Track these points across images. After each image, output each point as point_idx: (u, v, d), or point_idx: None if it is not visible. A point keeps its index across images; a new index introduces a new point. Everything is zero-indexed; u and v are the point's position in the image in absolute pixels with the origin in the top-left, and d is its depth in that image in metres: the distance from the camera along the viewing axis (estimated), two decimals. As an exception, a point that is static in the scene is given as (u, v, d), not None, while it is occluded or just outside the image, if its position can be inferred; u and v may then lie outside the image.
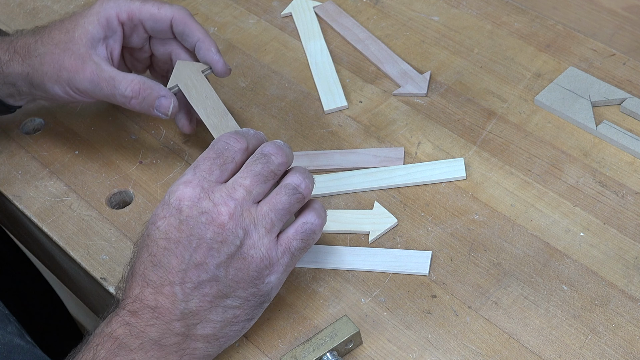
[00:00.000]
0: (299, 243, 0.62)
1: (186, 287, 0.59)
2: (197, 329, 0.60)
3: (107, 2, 0.75)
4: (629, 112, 0.78)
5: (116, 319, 0.59)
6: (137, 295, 0.60)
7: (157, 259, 0.60)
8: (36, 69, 0.75)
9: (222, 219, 0.59)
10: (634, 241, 0.69)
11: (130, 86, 0.73)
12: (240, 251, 0.60)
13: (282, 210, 0.62)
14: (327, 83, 0.84)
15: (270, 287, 0.62)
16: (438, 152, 0.77)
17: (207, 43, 0.76)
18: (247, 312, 0.62)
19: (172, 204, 0.60)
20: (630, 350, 0.62)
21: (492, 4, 0.91)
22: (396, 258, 0.69)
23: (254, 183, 0.61)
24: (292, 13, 0.93)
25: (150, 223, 0.61)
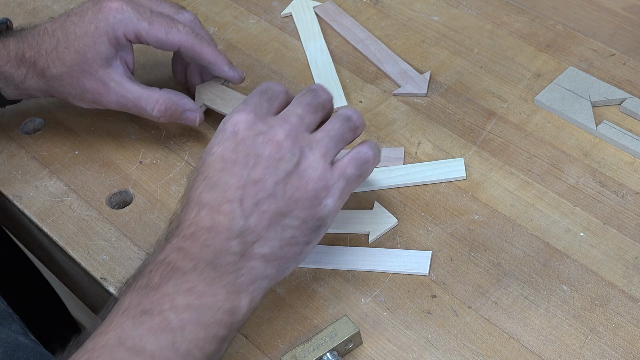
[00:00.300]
0: (353, 170, 0.63)
1: (245, 204, 0.59)
2: (254, 248, 0.59)
3: (114, 21, 0.74)
4: (629, 112, 0.78)
5: (169, 246, 0.59)
6: (192, 219, 0.59)
7: (213, 180, 0.60)
8: (57, 89, 0.76)
9: (279, 137, 0.61)
10: (634, 241, 0.69)
11: (156, 107, 0.75)
12: (297, 169, 0.61)
13: (336, 137, 0.63)
14: (327, 83, 0.84)
15: (327, 211, 0.62)
16: (438, 152, 0.77)
17: (219, 63, 0.77)
18: (305, 234, 0.61)
19: (227, 129, 0.61)
20: (630, 350, 0.62)
21: (492, 4, 0.91)
22: (396, 258, 0.69)
23: (305, 112, 0.63)
24: (292, 13, 0.93)
25: (205, 153, 0.62)
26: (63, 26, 0.75)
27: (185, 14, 0.78)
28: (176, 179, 0.78)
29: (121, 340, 0.54)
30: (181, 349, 0.55)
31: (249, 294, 0.59)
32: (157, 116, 0.76)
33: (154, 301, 0.56)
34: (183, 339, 0.55)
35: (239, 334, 0.66)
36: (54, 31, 0.75)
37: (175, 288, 0.56)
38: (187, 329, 0.55)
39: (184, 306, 0.56)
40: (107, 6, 0.74)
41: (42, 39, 0.75)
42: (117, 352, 0.53)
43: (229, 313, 0.57)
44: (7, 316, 0.74)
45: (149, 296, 0.56)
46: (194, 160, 0.79)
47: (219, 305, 0.57)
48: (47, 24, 0.76)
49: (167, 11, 0.77)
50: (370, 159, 0.64)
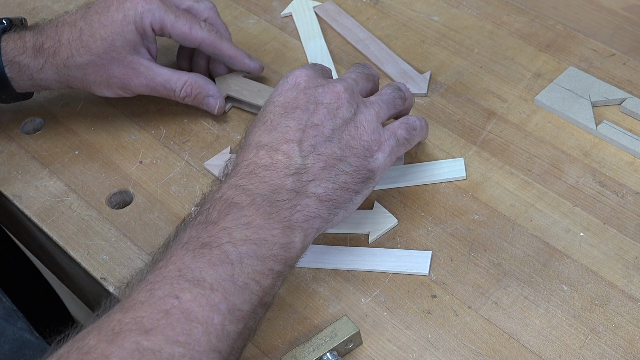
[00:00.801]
0: (403, 132, 0.68)
1: (303, 145, 0.63)
2: (309, 186, 0.62)
3: (142, 10, 0.75)
4: (629, 112, 0.78)
5: (226, 184, 0.62)
6: (250, 158, 0.63)
7: (273, 124, 0.64)
8: (79, 78, 0.77)
9: (338, 89, 0.65)
10: (634, 241, 0.69)
11: (183, 88, 0.78)
12: (354, 119, 0.65)
13: (388, 102, 0.68)
14: None
15: (377, 165, 0.65)
16: (438, 152, 0.77)
17: (239, 57, 0.81)
18: (356, 182, 0.64)
19: (289, 81, 0.66)
20: (630, 350, 0.62)
21: (492, 4, 0.91)
22: (396, 258, 0.69)
23: (359, 78, 0.69)
24: (292, 13, 0.93)
25: (267, 102, 0.66)
26: (85, 16, 0.76)
27: (205, 2, 0.81)
28: (176, 179, 0.78)
29: (181, 272, 0.56)
30: (239, 281, 0.56)
31: (303, 231, 0.61)
32: (183, 96, 0.79)
33: (213, 235, 0.58)
34: (241, 272, 0.57)
35: (239, 334, 0.66)
36: (75, 21, 0.76)
37: (234, 222, 0.58)
38: (244, 261, 0.57)
39: (242, 239, 0.58)
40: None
41: (62, 29, 0.76)
42: (178, 283, 0.55)
43: (284, 248, 0.59)
44: (13, 313, 0.75)
45: (207, 230, 0.58)
46: (194, 160, 0.79)
47: (275, 239, 0.59)
48: (66, 16, 0.77)
49: (187, 2, 0.80)
50: (417, 126, 0.70)
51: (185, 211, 0.75)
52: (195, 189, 0.77)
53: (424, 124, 0.71)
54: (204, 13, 0.80)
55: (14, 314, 0.74)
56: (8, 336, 0.71)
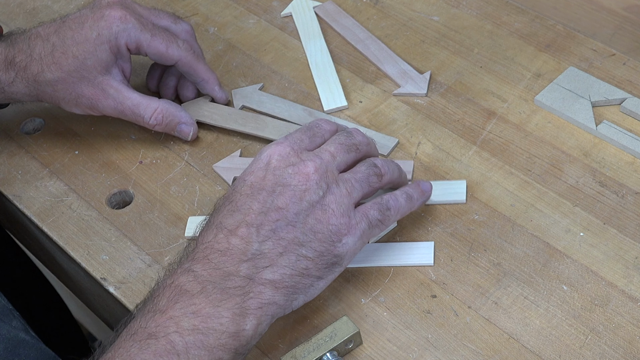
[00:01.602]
0: (375, 214, 0.64)
1: (263, 229, 0.60)
2: (264, 273, 0.59)
3: (118, 30, 0.74)
4: (629, 112, 0.78)
5: (180, 269, 0.60)
6: (208, 242, 0.60)
7: (237, 205, 0.61)
8: (48, 94, 0.76)
9: (308, 170, 0.62)
10: (634, 241, 0.69)
11: (153, 115, 0.77)
12: (321, 202, 0.62)
13: (361, 180, 0.65)
14: (327, 83, 0.84)
15: (345, 250, 0.62)
16: (438, 152, 0.77)
17: (211, 82, 0.80)
18: (319, 268, 0.61)
19: (262, 159, 0.63)
20: (630, 350, 0.62)
21: (492, 4, 0.91)
22: (400, 251, 0.69)
23: (338, 150, 0.65)
24: (292, 13, 0.93)
25: (238, 180, 0.64)
26: (59, 31, 0.75)
27: (183, 24, 0.80)
28: (176, 179, 0.78)
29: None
30: None
31: (256, 318, 0.59)
32: (153, 124, 0.77)
33: (160, 324, 0.56)
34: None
35: (239, 334, 0.66)
36: (48, 36, 0.75)
37: (182, 311, 0.57)
38: (191, 352, 0.55)
39: (189, 329, 0.56)
40: (110, 14, 0.74)
41: (35, 43, 0.74)
42: None
43: (234, 337, 0.57)
44: (8, 312, 0.74)
45: (155, 319, 0.57)
46: (194, 160, 0.79)
47: (224, 328, 0.57)
48: (39, 28, 0.76)
49: (165, 22, 0.79)
50: (393, 205, 0.66)
51: (186, 211, 0.75)
52: (195, 189, 0.77)
53: (401, 201, 0.67)
54: (181, 35, 0.79)
55: (9, 313, 0.74)
56: (3, 335, 0.71)
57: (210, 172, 0.78)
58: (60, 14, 0.95)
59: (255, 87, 0.85)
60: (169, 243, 0.73)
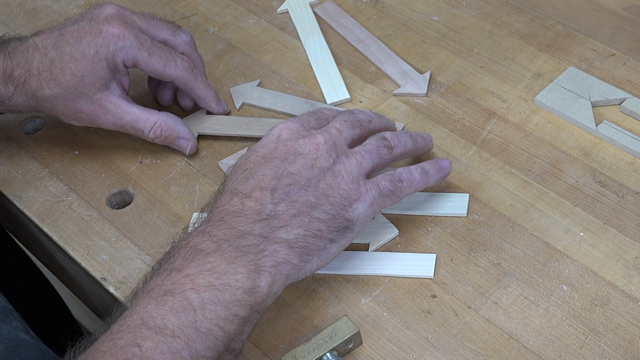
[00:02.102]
0: (387, 184, 0.66)
1: (277, 192, 0.62)
2: (279, 232, 0.61)
3: (115, 48, 0.74)
4: (629, 112, 0.78)
5: (195, 232, 0.61)
6: (223, 205, 0.62)
7: (251, 172, 0.64)
8: (47, 108, 0.76)
9: (318, 141, 0.65)
10: (634, 241, 0.69)
11: (152, 129, 0.77)
12: (332, 169, 0.64)
13: (371, 152, 0.67)
14: (328, 77, 0.85)
15: (356, 215, 0.64)
16: (438, 152, 0.77)
17: (208, 99, 0.81)
18: (331, 230, 0.63)
19: (272, 134, 0.66)
20: (630, 350, 0.62)
21: (492, 4, 0.91)
22: (400, 261, 0.69)
23: (343, 126, 0.68)
24: (288, 9, 0.93)
25: (250, 152, 0.66)
26: (57, 45, 0.74)
27: (181, 35, 0.79)
28: (176, 179, 0.78)
29: (144, 320, 0.56)
30: (202, 328, 0.56)
31: (270, 275, 0.60)
32: (152, 137, 0.78)
33: (176, 282, 0.58)
34: (204, 318, 0.56)
35: (239, 334, 0.66)
36: (46, 49, 0.74)
37: (198, 269, 0.58)
38: (207, 307, 0.57)
39: (205, 286, 0.57)
40: (107, 31, 0.74)
41: (32, 56, 0.74)
42: (140, 331, 0.55)
43: (249, 292, 0.59)
44: (8, 312, 0.74)
45: (171, 277, 0.58)
46: (194, 160, 0.79)
47: (239, 284, 0.58)
48: (37, 39, 0.75)
49: (163, 34, 0.78)
50: (405, 177, 0.67)
51: (186, 211, 0.75)
52: (195, 189, 0.77)
53: (417, 175, 0.68)
54: (180, 47, 0.79)
55: (9, 313, 0.74)
56: (3, 335, 0.71)
57: (210, 172, 0.78)
58: (61, 14, 0.95)
59: (253, 83, 0.85)
60: (169, 243, 0.73)
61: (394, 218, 0.72)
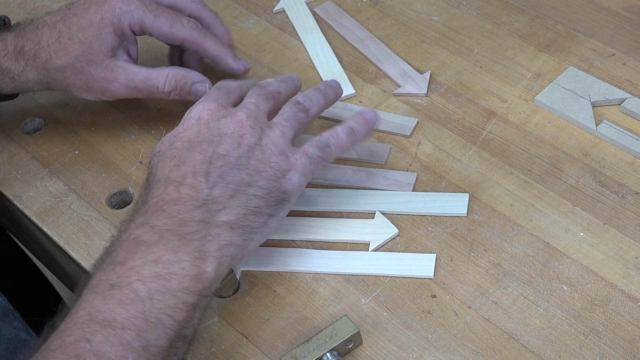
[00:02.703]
0: (315, 150, 0.67)
1: (210, 176, 0.62)
2: (219, 215, 0.62)
3: (120, 12, 0.75)
4: (629, 112, 0.78)
5: (134, 224, 0.61)
6: (159, 195, 0.62)
7: (181, 159, 0.63)
8: (59, 81, 0.77)
9: (241, 118, 0.65)
10: (634, 241, 0.69)
11: (166, 81, 0.77)
12: (259, 143, 0.65)
13: (289, 119, 0.68)
14: (331, 73, 0.85)
15: (290, 186, 0.65)
16: (438, 152, 0.77)
17: (223, 56, 0.80)
18: (269, 205, 0.64)
19: (192, 117, 0.66)
20: (630, 350, 0.62)
21: (492, 4, 0.91)
22: (400, 261, 0.69)
23: (259, 100, 0.68)
24: (285, 8, 0.93)
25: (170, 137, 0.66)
26: (65, 18, 0.76)
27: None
28: (176, 179, 0.78)
29: (92, 315, 0.56)
30: (151, 318, 0.56)
31: (216, 259, 0.60)
32: (168, 91, 0.77)
33: (121, 275, 0.58)
34: (152, 308, 0.56)
35: (239, 333, 0.66)
36: (54, 23, 0.76)
37: (142, 260, 0.58)
38: (155, 297, 0.57)
39: (151, 276, 0.57)
40: None
41: (42, 31, 0.75)
42: (89, 327, 0.55)
43: (196, 279, 0.59)
44: (9, 313, 0.74)
45: (115, 271, 0.58)
46: (194, 160, 0.79)
47: (185, 272, 0.58)
48: (46, 17, 0.77)
49: None
50: (332, 142, 0.68)
51: (185, 211, 0.75)
52: (195, 189, 0.77)
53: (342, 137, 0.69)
54: (188, 7, 0.79)
55: (9, 314, 0.74)
56: (4, 336, 0.71)
57: (210, 172, 0.78)
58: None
59: None
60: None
61: (394, 218, 0.72)
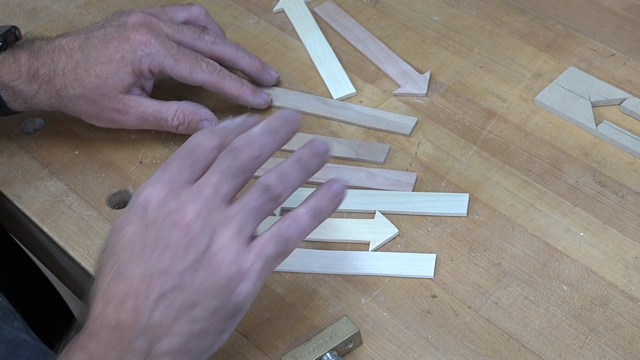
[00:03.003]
0: (273, 248, 0.57)
1: (150, 298, 0.55)
2: (160, 345, 0.55)
3: (142, 55, 0.75)
4: (629, 112, 0.78)
5: (75, 345, 0.56)
6: (97, 314, 0.56)
7: (120, 271, 0.56)
8: (70, 108, 0.78)
9: (188, 219, 0.56)
10: (634, 241, 0.69)
11: (175, 115, 0.78)
12: (207, 254, 0.55)
13: (254, 210, 0.57)
14: (331, 72, 0.85)
15: (243, 298, 0.56)
16: (438, 152, 0.77)
17: (243, 95, 0.80)
18: (218, 324, 0.56)
19: (138, 205, 0.57)
20: (630, 350, 0.62)
21: (492, 4, 0.91)
22: (400, 261, 0.69)
23: (222, 180, 0.57)
24: (284, 8, 0.93)
25: (116, 228, 0.58)
26: (83, 48, 0.76)
27: (206, 37, 0.80)
28: (176, 179, 0.78)
29: None
30: None
31: None
32: (176, 125, 0.78)
33: None
34: None
35: (239, 334, 0.66)
36: (72, 51, 0.76)
37: None
38: None
39: None
40: (134, 38, 0.76)
41: (59, 57, 0.76)
42: None
43: None
44: (9, 313, 0.74)
45: None
46: (194, 160, 0.79)
47: None
48: (63, 41, 0.77)
49: (189, 38, 0.79)
50: (293, 235, 0.58)
51: (185, 211, 0.75)
52: (195, 189, 0.77)
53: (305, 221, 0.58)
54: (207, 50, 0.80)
55: (10, 314, 0.74)
56: (4, 336, 0.71)
57: (210, 172, 0.78)
58: (61, 14, 0.95)
59: None
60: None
61: (394, 218, 0.72)
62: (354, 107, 0.82)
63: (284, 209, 0.73)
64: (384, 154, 0.77)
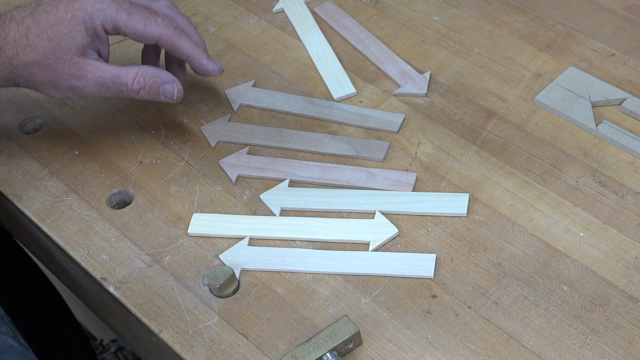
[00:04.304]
0: None
1: None
2: None
3: (92, 10, 0.73)
4: (629, 112, 0.78)
5: None
6: None
7: None
8: (25, 77, 0.75)
9: None
10: (634, 241, 0.69)
11: (135, 79, 0.74)
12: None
13: None
14: (332, 72, 0.85)
15: None
16: (438, 152, 0.77)
17: (197, 56, 0.76)
18: None
19: None
20: (630, 350, 0.62)
21: (492, 4, 0.91)
22: (400, 261, 0.69)
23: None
24: (284, 8, 0.93)
25: None
26: (33, 14, 0.74)
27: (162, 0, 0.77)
28: (176, 179, 0.78)
29: None
30: None
31: None
32: (137, 89, 0.75)
33: None
34: None
35: (239, 333, 0.66)
36: (22, 19, 0.74)
37: None
38: None
39: None
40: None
41: (9, 26, 0.74)
42: None
43: None
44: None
45: None
46: (194, 160, 0.79)
47: None
48: (14, 12, 0.75)
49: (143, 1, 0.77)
50: None
51: (186, 211, 0.75)
52: (195, 189, 0.77)
53: None
54: (161, 12, 0.77)
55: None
56: None
57: (210, 172, 0.78)
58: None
59: (248, 84, 0.85)
60: (169, 243, 0.73)
61: (394, 218, 0.72)
62: (341, 106, 0.82)
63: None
64: (383, 151, 0.77)
